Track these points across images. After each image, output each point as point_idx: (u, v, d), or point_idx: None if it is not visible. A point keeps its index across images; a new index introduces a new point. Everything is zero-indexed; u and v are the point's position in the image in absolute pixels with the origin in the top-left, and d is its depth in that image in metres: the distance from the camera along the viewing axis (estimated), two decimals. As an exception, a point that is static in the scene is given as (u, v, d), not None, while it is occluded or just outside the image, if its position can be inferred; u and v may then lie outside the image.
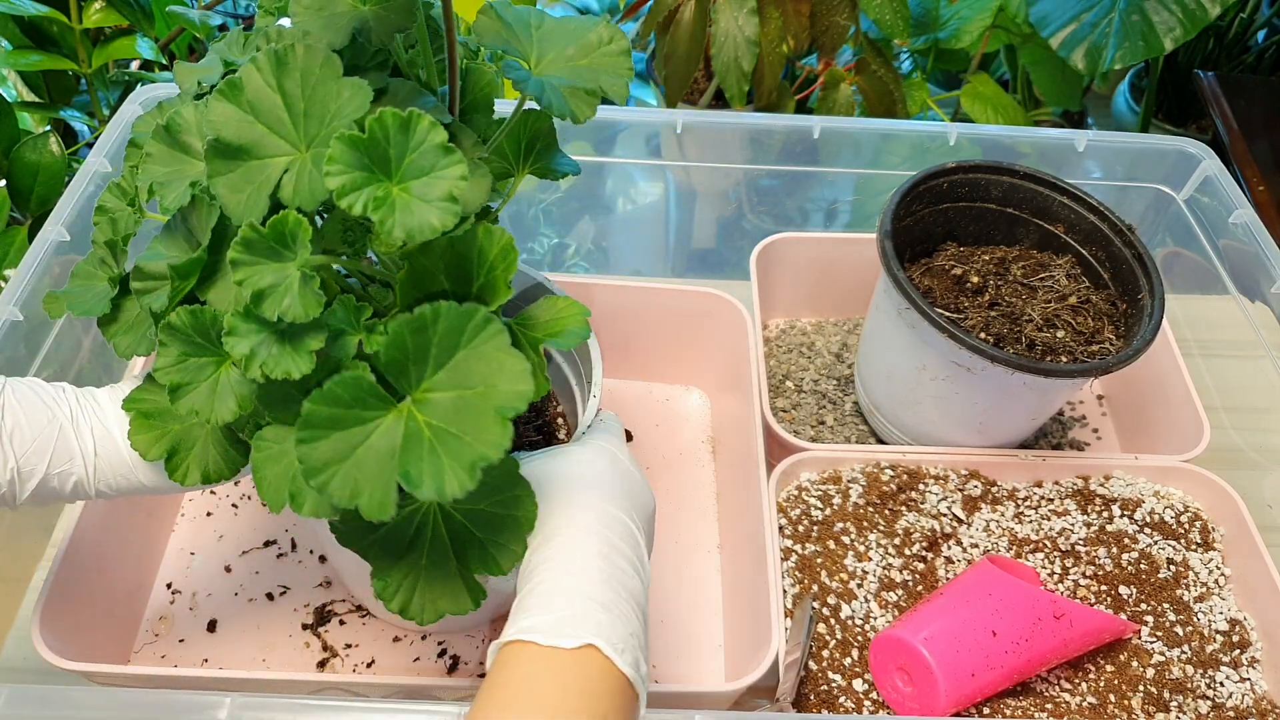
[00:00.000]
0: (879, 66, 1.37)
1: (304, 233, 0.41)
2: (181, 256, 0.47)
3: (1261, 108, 1.51)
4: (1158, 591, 0.71)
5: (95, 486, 0.51)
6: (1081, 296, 0.78)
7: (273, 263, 0.42)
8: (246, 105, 0.43)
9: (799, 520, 0.74)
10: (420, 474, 0.38)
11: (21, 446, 0.48)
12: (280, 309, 0.41)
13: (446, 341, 0.40)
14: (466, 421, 0.39)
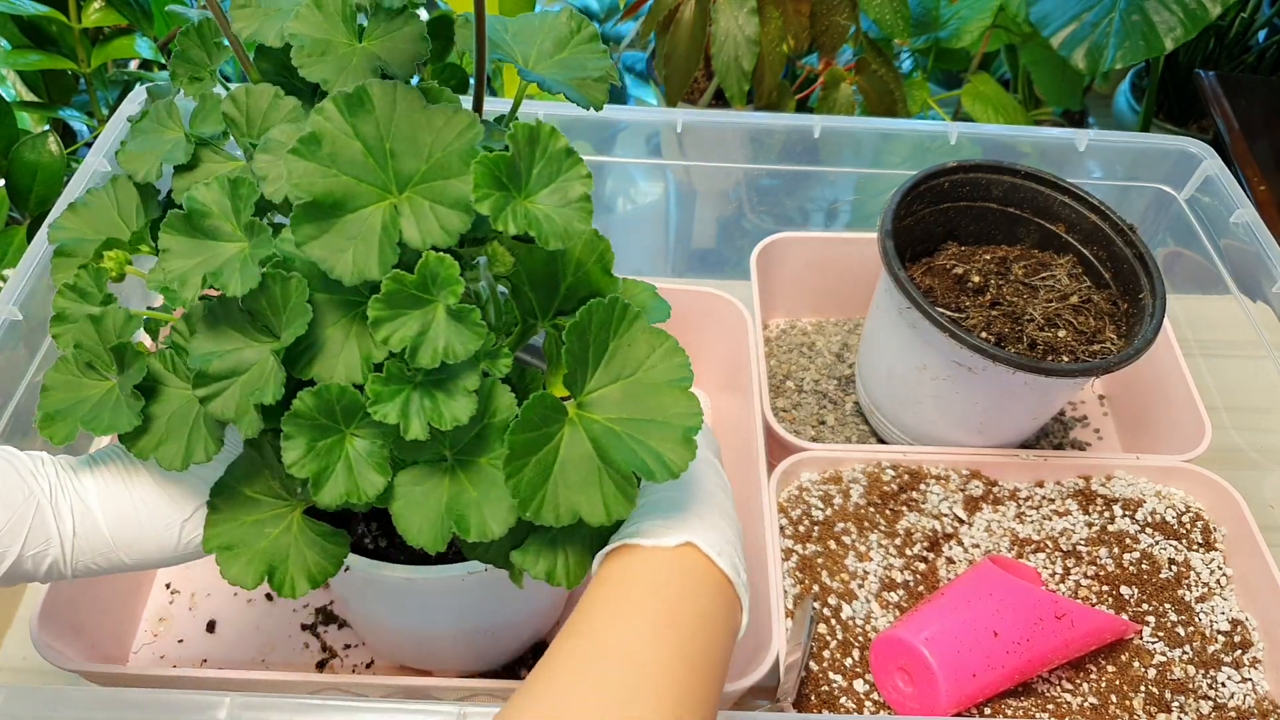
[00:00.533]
0: (879, 66, 1.37)
1: (451, 270, 0.40)
2: (246, 347, 0.43)
3: (1262, 107, 1.51)
4: (1159, 592, 0.71)
5: (72, 567, 0.47)
6: (1083, 296, 0.77)
7: (415, 310, 0.40)
8: (327, 159, 0.40)
9: (799, 520, 0.74)
10: (641, 460, 0.41)
11: None
12: (439, 354, 0.40)
13: (600, 338, 0.42)
14: (648, 404, 0.42)
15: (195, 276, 0.42)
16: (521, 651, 0.72)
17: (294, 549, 0.48)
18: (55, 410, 0.45)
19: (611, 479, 0.42)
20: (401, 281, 0.40)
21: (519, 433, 0.40)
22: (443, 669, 0.70)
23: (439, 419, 0.41)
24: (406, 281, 0.40)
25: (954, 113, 1.64)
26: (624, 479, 0.42)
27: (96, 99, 1.21)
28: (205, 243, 0.43)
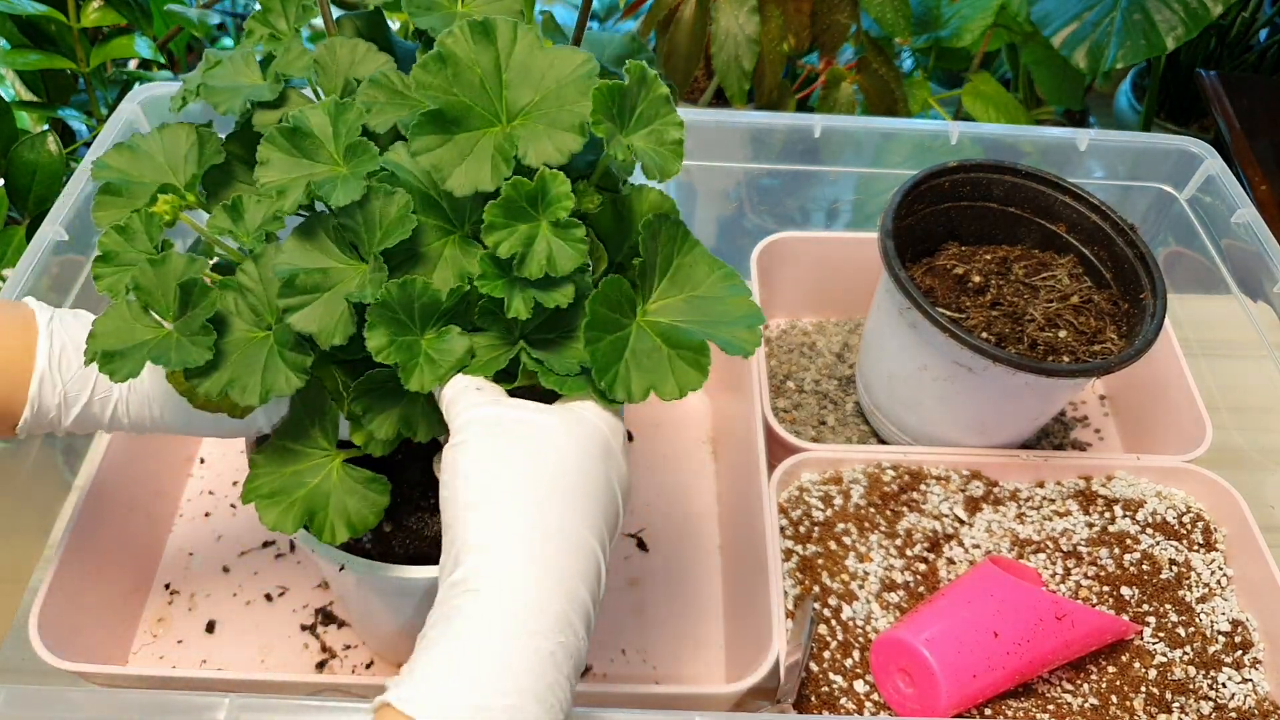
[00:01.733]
0: (880, 65, 1.37)
1: (562, 186, 0.42)
2: (335, 264, 0.45)
3: (1264, 107, 1.51)
4: (1160, 592, 0.71)
5: (131, 419, 0.52)
6: (1084, 296, 0.77)
7: (523, 224, 0.42)
8: (450, 78, 0.44)
9: (800, 521, 0.74)
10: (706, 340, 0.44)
11: (68, 372, 0.50)
12: (543, 266, 0.42)
13: (666, 251, 0.45)
14: (710, 310, 0.45)
15: (296, 189, 0.44)
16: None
17: (334, 495, 0.49)
18: (114, 350, 0.45)
19: (681, 358, 0.45)
20: (518, 189, 0.42)
21: (598, 304, 0.43)
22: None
23: (545, 301, 0.43)
24: (522, 190, 0.42)
25: (955, 112, 1.64)
26: (695, 350, 0.45)
27: (95, 99, 1.21)
28: (303, 161, 0.45)
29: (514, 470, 0.41)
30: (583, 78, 0.44)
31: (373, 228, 0.44)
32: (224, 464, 0.84)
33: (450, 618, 0.38)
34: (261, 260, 0.46)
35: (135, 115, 0.86)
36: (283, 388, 0.45)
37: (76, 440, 0.80)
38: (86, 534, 0.67)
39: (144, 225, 0.47)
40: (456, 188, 0.43)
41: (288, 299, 0.44)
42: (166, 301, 0.45)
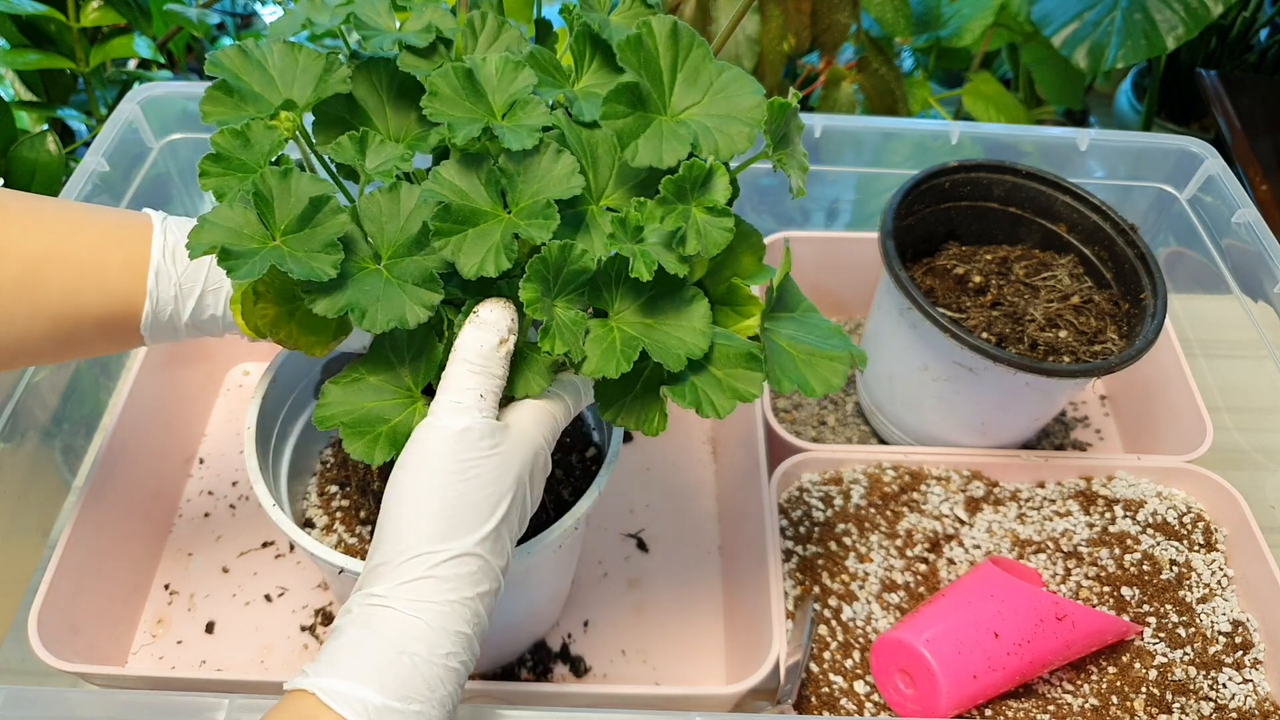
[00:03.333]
0: (880, 65, 1.37)
1: (723, 176, 0.46)
2: (485, 204, 0.46)
3: (1264, 106, 1.51)
4: (1160, 593, 0.71)
5: (222, 325, 0.54)
6: (1084, 296, 0.77)
7: (682, 204, 0.46)
8: (642, 64, 0.47)
9: (800, 521, 0.74)
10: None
11: (181, 264, 0.52)
12: (699, 244, 0.45)
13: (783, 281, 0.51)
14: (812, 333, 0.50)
15: (468, 126, 0.46)
16: (520, 653, 0.72)
17: None
18: (231, 247, 0.44)
19: (815, 360, 0.49)
20: (693, 170, 0.45)
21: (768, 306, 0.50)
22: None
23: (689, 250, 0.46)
24: (695, 171, 0.45)
25: (955, 112, 1.64)
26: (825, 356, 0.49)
27: (95, 98, 1.21)
28: (465, 104, 0.47)
29: (460, 496, 0.44)
30: (751, 89, 0.49)
31: (531, 179, 0.46)
32: (223, 464, 0.84)
33: (371, 624, 0.42)
34: (387, 196, 0.46)
35: (135, 115, 0.86)
36: (408, 319, 0.45)
37: (76, 440, 0.80)
38: (86, 534, 0.67)
39: (262, 135, 0.47)
40: (635, 160, 0.46)
41: (440, 223, 0.45)
42: (286, 213, 0.45)
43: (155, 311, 0.52)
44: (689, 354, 0.47)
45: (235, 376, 0.91)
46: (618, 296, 0.48)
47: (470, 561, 0.43)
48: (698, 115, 0.48)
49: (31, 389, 0.72)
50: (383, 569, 0.43)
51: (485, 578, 0.44)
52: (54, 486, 0.79)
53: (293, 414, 0.67)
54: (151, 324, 0.52)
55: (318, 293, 0.45)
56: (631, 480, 0.84)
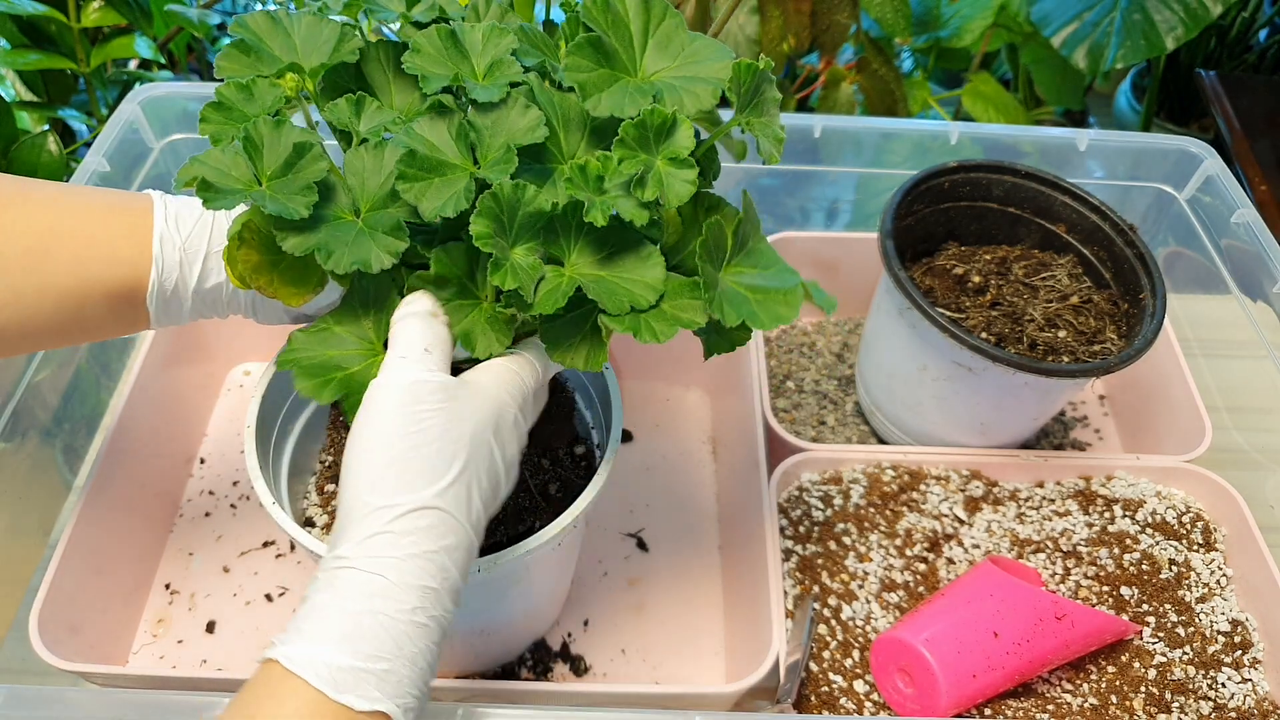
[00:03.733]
0: (880, 65, 1.37)
1: (686, 129, 0.47)
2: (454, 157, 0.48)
3: (1263, 107, 1.51)
4: (1159, 592, 0.71)
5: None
6: (1083, 296, 0.77)
7: (644, 153, 0.47)
8: (610, 25, 0.49)
9: (800, 521, 0.74)
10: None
11: (185, 228, 0.52)
12: (658, 190, 0.47)
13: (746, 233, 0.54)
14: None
15: (441, 79, 0.48)
16: (520, 652, 0.72)
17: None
18: (214, 182, 0.47)
19: (769, 299, 0.50)
20: (654, 116, 0.46)
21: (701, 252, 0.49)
22: (442, 671, 0.70)
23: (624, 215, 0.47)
24: (656, 118, 0.46)
25: (955, 112, 1.64)
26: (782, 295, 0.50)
27: (96, 99, 1.21)
28: (448, 63, 0.49)
29: (410, 449, 0.44)
30: (720, 53, 0.50)
31: (499, 132, 0.48)
32: (224, 464, 0.84)
33: (334, 586, 0.42)
34: (371, 153, 0.48)
35: (136, 115, 0.86)
36: (372, 263, 0.46)
37: (77, 440, 0.80)
38: (87, 534, 0.67)
39: (266, 90, 0.49)
40: (597, 111, 0.47)
41: (406, 168, 0.46)
42: (273, 159, 0.47)
43: (161, 279, 0.52)
44: (633, 303, 0.47)
45: (236, 376, 0.91)
46: (575, 248, 0.48)
47: (428, 515, 0.43)
48: (666, 78, 0.50)
49: (32, 389, 0.72)
50: (343, 531, 0.43)
51: (448, 532, 0.44)
52: (55, 486, 0.79)
53: (293, 413, 0.67)
54: (158, 295, 0.52)
55: (290, 231, 0.47)
56: (631, 480, 0.84)
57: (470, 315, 0.49)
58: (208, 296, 0.54)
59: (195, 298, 0.54)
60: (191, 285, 0.53)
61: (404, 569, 0.42)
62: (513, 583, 0.60)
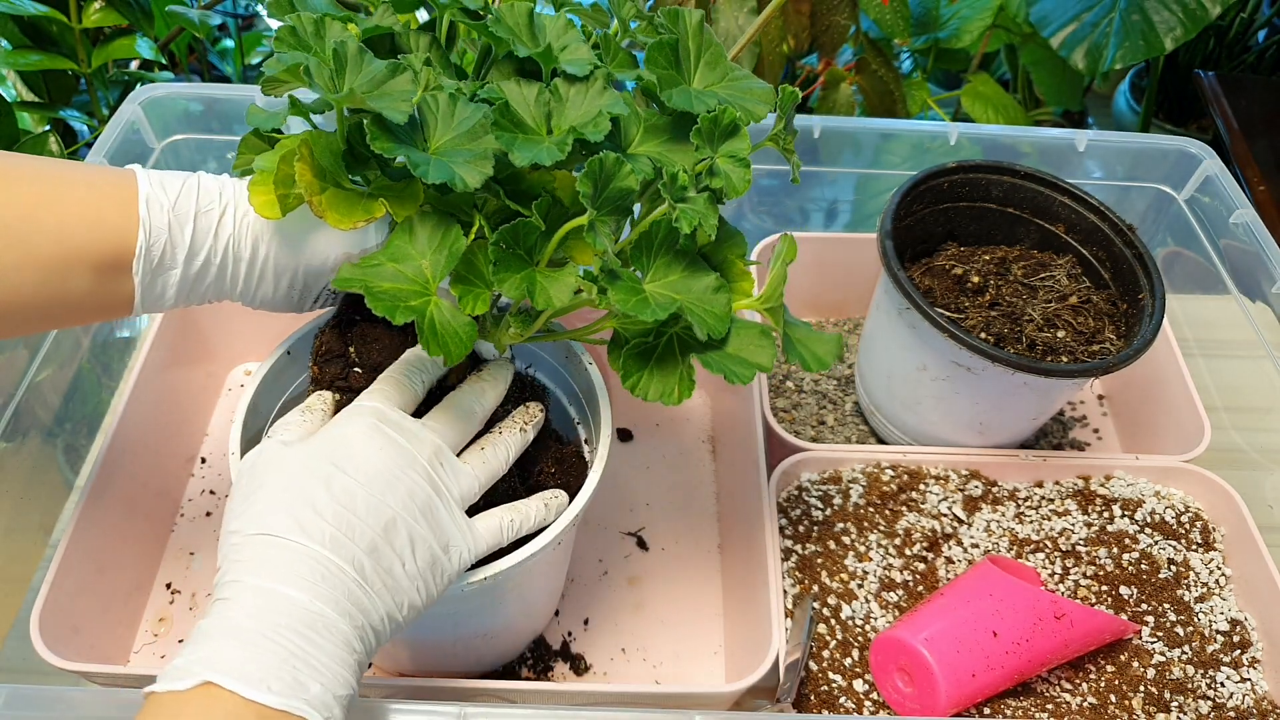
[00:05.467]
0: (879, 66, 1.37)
1: (745, 136, 0.51)
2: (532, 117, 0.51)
3: (1262, 107, 1.51)
4: (1158, 592, 0.71)
5: (233, 244, 0.53)
6: (1082, 296, 0.78)
7: (708, 149, 0.51)
8: (678, 35, 0.54)
9: (799, 520, 0.74)
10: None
11: (172, 188, 0.51)
12: (723, 182, 0.51)
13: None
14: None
15: (525, 50, 0.51)
16: (520, 652, 0.72)
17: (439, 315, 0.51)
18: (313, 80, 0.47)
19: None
20: (723, 115, 0.50)
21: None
22: (443, 672, 0.70)
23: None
24: (724, 118, 0.50)
25: (954, 113, 1.64)
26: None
27: (97, 99, 1.21)
28: (524, 36, 0.52)
29: (318, 491, 0.46)
30: (759, 81, 0.55)
31: (578, 105, 0.50)
32: (225, 464, 0.84)
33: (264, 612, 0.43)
34: (449, 101, 0.49)
35: (136, 116, 0.86)
36: (460, 180, 0.47)
37: (78, 440, 0.80)
38: (88, 534, 0.67)
39: (337, 32, 0.50)
40: (670, 101, 0.51)
41: (501, 118, 0.48)
42: (358, 78, 0.48)
43: (149, 244, 0.50)
44: (711, 332, 0.49)
45: (237, 376, 0.91)
46: (654, 264, 0.50)
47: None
48: (717, 92, 0.53)
49: (34, 388, 0.72)
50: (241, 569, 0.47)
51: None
52: (56, 486, 0.79)
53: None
54: (145, 262, 0.51)
55: (385, 136, 0.47)
56: (631, 479, 0.84)
57: (527, 271, 0.49)
58: (198, 270, 0.52)
59: (184, 271, 0.52)
60: (181, 254, 0.51)
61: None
62: (514, 586, 0.61)
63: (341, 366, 0.57)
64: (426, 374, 0.54)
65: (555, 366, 0.69)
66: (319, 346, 0.58)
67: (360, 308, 0.58)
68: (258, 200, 0.50)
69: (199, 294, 0.54)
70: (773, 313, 0.53)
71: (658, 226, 0.49)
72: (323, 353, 0.58)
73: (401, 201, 0.51)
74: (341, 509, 0.46)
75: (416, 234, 0.49)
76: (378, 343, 0.57)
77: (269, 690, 0.41)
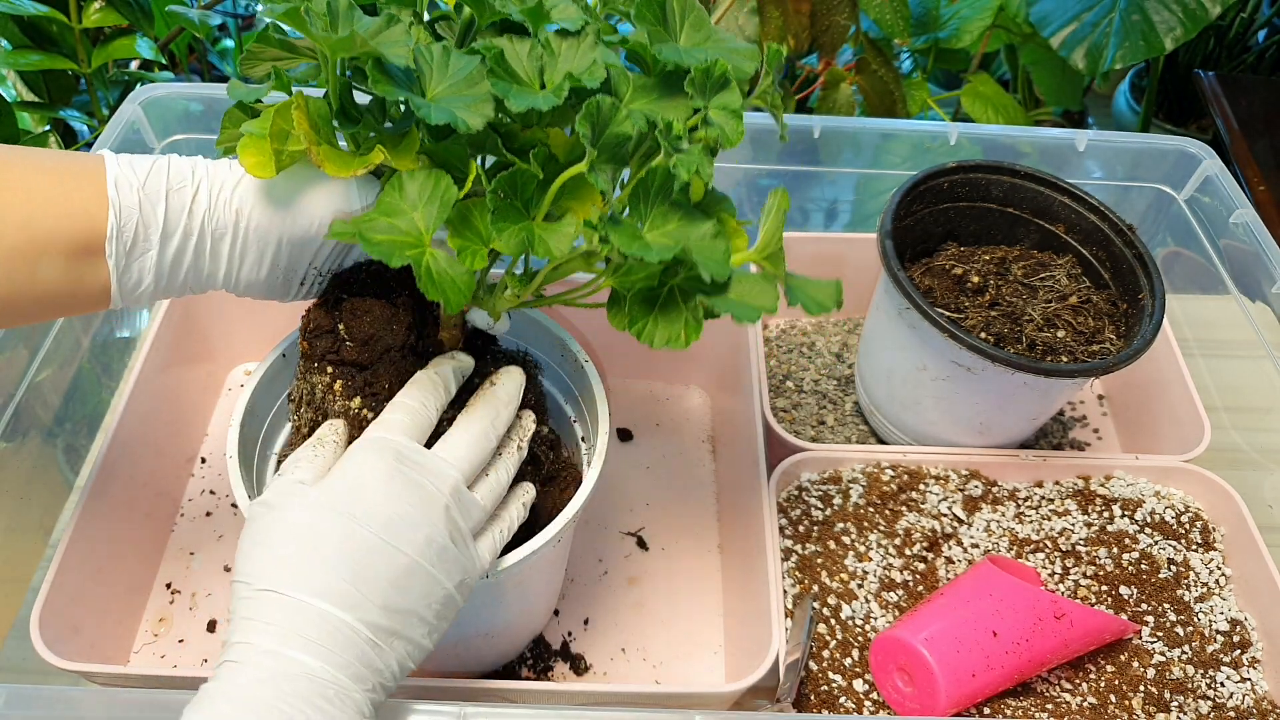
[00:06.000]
0: (879, 66, 1.37)
1: (735, 90, 0.51)
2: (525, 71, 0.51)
3: (1262, 107, 1.51)
4: (1158, 592, 0.71)
5: (213, 215, 0.51)
6: (1082, 296, 0.78)
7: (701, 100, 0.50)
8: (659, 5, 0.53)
9: (799, 520, 0.74)
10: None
11: (140, 168, 0.50)
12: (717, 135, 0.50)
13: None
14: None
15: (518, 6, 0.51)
16: (520, 652, 0.72)
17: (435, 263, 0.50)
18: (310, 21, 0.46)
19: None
20: (714, 68, 0.50)
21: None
22: (444, 672, 0.70)
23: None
24: (715, 70, 0.50)
25: (954, 113, 1.64)
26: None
27: (97, 99, 1.21)
28: None
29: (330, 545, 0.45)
30: (741, 42, 0.55)
31: (569, 60, 0.50)
32: (225, 464, 0.84)
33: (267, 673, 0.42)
34: (443, 52, 0.49)
35: (137, 116, 0.86)
36: (463, 122, 0.46)
37: (78, 440, 0.80)
38: (88, 534, 0.67)
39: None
40: (661, 55, 0.50)
41: (497, 66, 0.48)
42: (351, 28, 0.47)
43: (121, 225, 0.48)
44: (715, 274, 0.48)
45: (237, 376, 0.91)
46: (652, 214, 0.49)
47: None
48: (705, 48, 0.53)
49: (34, 388, 0.72)
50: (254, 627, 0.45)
51: None
52: (56, 486, 0.79)
53: (278, 423, 0.67)
54: (118, 246, 0.49)
55: (385, 78, 0.47)
56: (631, 479, 0.84)
57: (525, 223, 0.48)
58: (175, 251, 0.50)
59: (160, 253, 0.50)
60: (155, 235, 0.49)
61: None
62: (513, 585, 0.61)
63: (332, 341, 0.56)
64: (439, 397, 0.53)
65: (550, 364, 0.69)
66: (307, 323, 0.57)
67: (347, 286, 0.57)
68: (249, 161, 0.49)
69: (178, 280, 0.52)
70: (772, 259, 0.52)
71: (654, 174, 0.48)
72: (311, 328, 0.56)
73: (398, 151, 0.50)
74: (356, 564, 0.44)
75: (406, 189, 0.49)
76: (368, 315, 0.55)
77: None
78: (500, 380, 0.55)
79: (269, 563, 0.44)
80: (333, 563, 0.44)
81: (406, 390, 0.52)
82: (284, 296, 0.57)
